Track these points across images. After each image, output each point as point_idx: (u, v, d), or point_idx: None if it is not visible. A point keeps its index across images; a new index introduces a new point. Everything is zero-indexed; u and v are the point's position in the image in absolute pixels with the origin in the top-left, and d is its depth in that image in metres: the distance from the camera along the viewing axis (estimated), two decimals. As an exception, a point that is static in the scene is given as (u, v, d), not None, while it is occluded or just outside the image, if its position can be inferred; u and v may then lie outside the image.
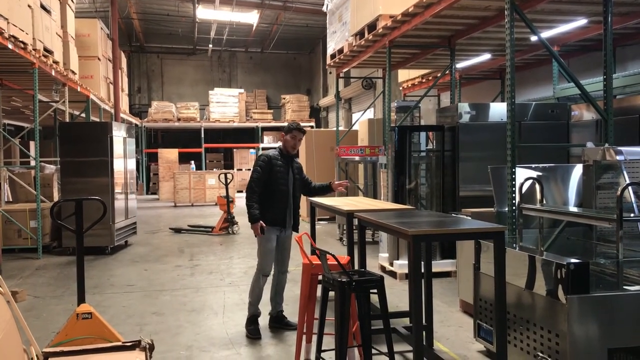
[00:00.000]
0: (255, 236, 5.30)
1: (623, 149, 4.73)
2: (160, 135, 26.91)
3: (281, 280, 5.48)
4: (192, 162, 23.47)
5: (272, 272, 5.42)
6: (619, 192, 3.80)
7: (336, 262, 3.74)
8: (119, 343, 4.32)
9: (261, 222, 5.16)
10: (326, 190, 5.67)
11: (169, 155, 22.42)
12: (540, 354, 3.89)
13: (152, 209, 18.11)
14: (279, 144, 5.56)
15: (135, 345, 4.28)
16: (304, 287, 4.36)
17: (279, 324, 5.49)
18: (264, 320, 5.54)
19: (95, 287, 7.33)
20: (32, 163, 11.41)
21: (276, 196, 5.28)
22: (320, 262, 4.13)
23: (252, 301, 5.34)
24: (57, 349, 4.12)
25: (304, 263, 4.39)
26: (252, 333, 5.25)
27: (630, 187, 4.24)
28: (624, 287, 3.84)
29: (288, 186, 5.34)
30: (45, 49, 9.88)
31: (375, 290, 3.81)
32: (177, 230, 12.64)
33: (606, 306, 3.68)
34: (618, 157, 4.62)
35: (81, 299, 4.53)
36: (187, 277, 7.92)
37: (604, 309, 3.67)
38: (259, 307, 5.39)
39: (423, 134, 8.27)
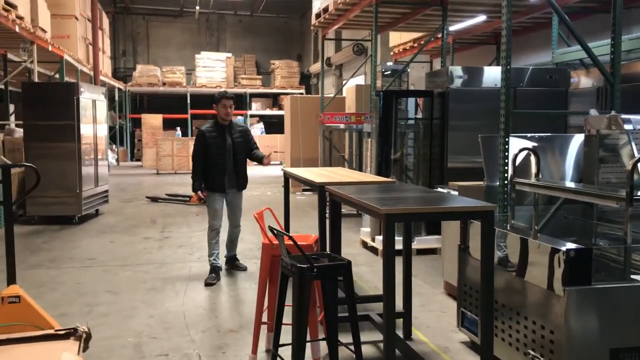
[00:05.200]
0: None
1: (632, 117, 4.14)
2: (145, 100, 26.04)
3: (233, 233, 6.27)
4: (178, 128, 22.68)
5: (220, 226, 6.10)
6: (629, 166, 3.23)
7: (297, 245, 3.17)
8: (51, 331, 3.77)
9: (198, 193, 6.02)
10: (259, 160, 6.13)
11: (152, 120, 21.68)
12: (532, 352, 3.37)
13: (134, 176, 17.47)
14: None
15: (69, 334, 3.71)
16: (263, 271, 3.80)
17: (231, 264, 6.31)
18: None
19: (52, 261, 6.78)
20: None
21: (212, 166, 5.96)
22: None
23: (209, 253, 6.09)
24: (-26, 339, 3.59)
25: (264, 243, 3.83)
26: (210, 280, 5.83)
27: (641, 161, 3.67)
28: (632, 276, 3.31)
29: (224, 155, 5.96)
30: (7, 2, 9.09)
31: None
32: (154, 199, 12.06)
33: (610, 299, 3.15)
34: (626, 126, 4.04)
35: (11, 280, 3.98)
36: (154, 251, 7.37)
37: (607, 303, 3.14)
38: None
39: (411, 100, 7.68)
